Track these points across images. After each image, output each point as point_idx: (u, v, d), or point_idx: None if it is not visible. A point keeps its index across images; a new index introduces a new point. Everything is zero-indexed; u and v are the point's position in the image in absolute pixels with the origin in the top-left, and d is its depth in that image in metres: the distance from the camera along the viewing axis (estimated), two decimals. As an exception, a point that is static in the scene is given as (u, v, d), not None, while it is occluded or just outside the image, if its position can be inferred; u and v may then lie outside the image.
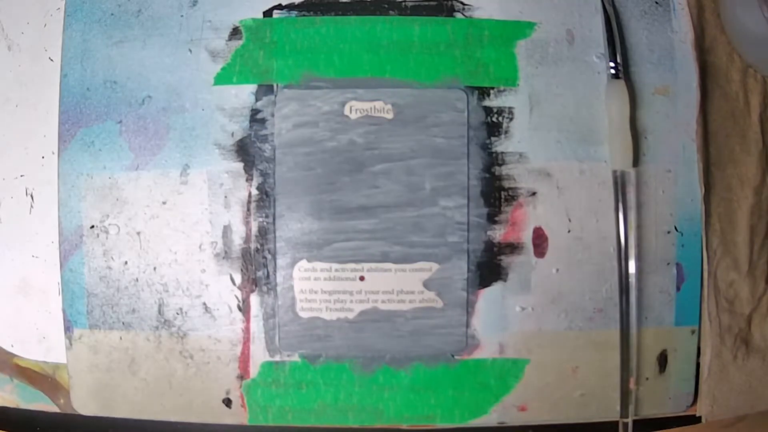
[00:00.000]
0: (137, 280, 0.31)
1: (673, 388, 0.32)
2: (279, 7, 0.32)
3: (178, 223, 0.31)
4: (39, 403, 0.33)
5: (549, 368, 0.32)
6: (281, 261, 0.31)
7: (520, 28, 0.32)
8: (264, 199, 0.31)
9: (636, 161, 0.31)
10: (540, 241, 0.31)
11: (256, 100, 0.31)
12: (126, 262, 0.31)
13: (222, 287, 0.31)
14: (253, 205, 0.31)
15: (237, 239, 0.31)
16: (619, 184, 0.30)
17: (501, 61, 0.31)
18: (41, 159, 0.32)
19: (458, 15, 0.32)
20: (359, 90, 0.31)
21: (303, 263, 0.31)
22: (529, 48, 0.32)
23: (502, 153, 0.31)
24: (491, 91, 0.31)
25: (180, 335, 0.31)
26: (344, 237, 0.31)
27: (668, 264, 0.32)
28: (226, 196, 0.31)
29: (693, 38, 0.32)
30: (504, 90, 0.31)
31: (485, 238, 0.31)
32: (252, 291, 0.31)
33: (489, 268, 0.31)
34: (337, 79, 0.31)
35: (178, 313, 0.31)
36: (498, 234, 0.31)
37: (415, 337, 0.31)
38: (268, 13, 0.32)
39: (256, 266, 0.31)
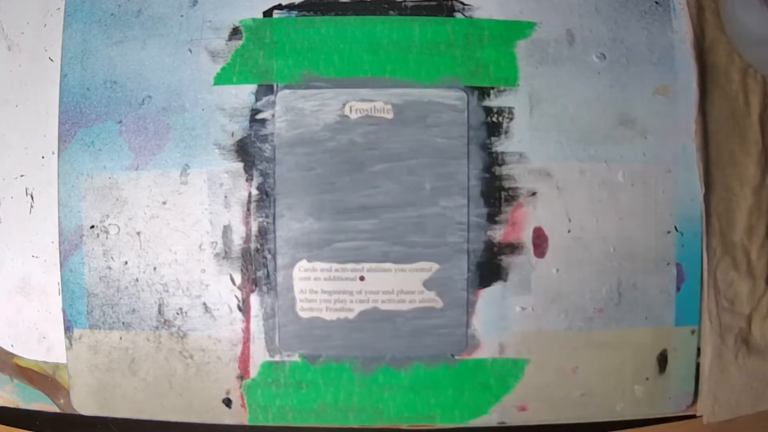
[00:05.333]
0: (137, 280, 0.31)
1: (673, 388, 0.32)
2: (279, 7, 0.32)
3: (178, 223, 0.31)
4: (39, 403, 0.33)
5: (549, 368, 0.32)
6: (281, 261, 0.31)
7: (520, 28, 0.32)
8: (264, 199, 0.31)
9: None
10: (540, 241, 0.31)
11: (256, 100, 0.31)
12: (126, 262, 0.31)
13: (222, 287, 0.31)
14: (253, 205, 0.31)
15: (237, 239, 0.31)
16: None
17: (501, 61, 0.31)
18: (41, 159, 0.32)
19: (458, 15, 0.32)
20: (359, 90, 0.31)
21: (303, 263, 0.31)
22: (529, 48, 0.32)
23: (502, 153, 0.31)
24: (491, 91, 0.31)
25: (180, 335, 0.31)
26: (344, 237, 0.31)
27: (668, 264, 0.32)
28: (226, 196, 0.31)
29: (693, 38, 0.32)
30: (504, 90, 0.31)
31: (485, 238, 0.31)
32: (252, 291, 0.31)
33: (489, 268, 0.31)
34: (337, 79, 0.31)
35: (178, 313, 0.31)
36: (498, 234, 0.31)
37: (415, 337, 0.31)
38: (268, 13, 0.32)
39: (256, 266, 0.31)
